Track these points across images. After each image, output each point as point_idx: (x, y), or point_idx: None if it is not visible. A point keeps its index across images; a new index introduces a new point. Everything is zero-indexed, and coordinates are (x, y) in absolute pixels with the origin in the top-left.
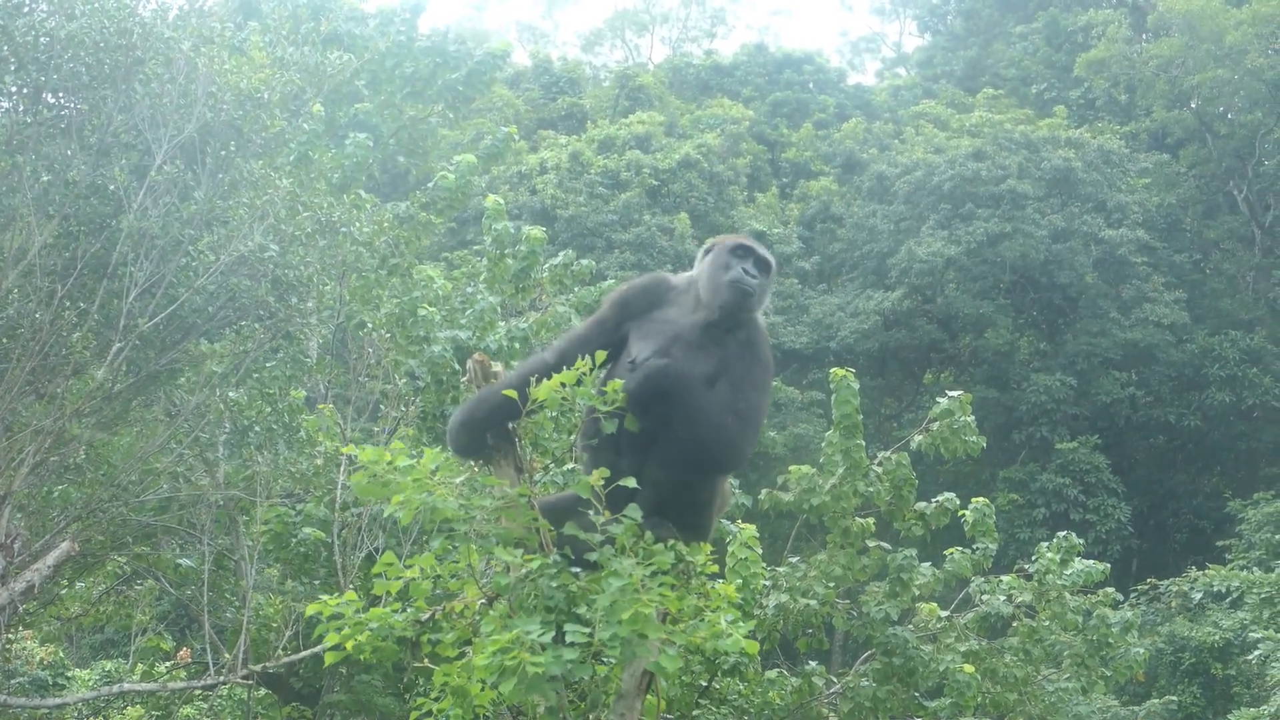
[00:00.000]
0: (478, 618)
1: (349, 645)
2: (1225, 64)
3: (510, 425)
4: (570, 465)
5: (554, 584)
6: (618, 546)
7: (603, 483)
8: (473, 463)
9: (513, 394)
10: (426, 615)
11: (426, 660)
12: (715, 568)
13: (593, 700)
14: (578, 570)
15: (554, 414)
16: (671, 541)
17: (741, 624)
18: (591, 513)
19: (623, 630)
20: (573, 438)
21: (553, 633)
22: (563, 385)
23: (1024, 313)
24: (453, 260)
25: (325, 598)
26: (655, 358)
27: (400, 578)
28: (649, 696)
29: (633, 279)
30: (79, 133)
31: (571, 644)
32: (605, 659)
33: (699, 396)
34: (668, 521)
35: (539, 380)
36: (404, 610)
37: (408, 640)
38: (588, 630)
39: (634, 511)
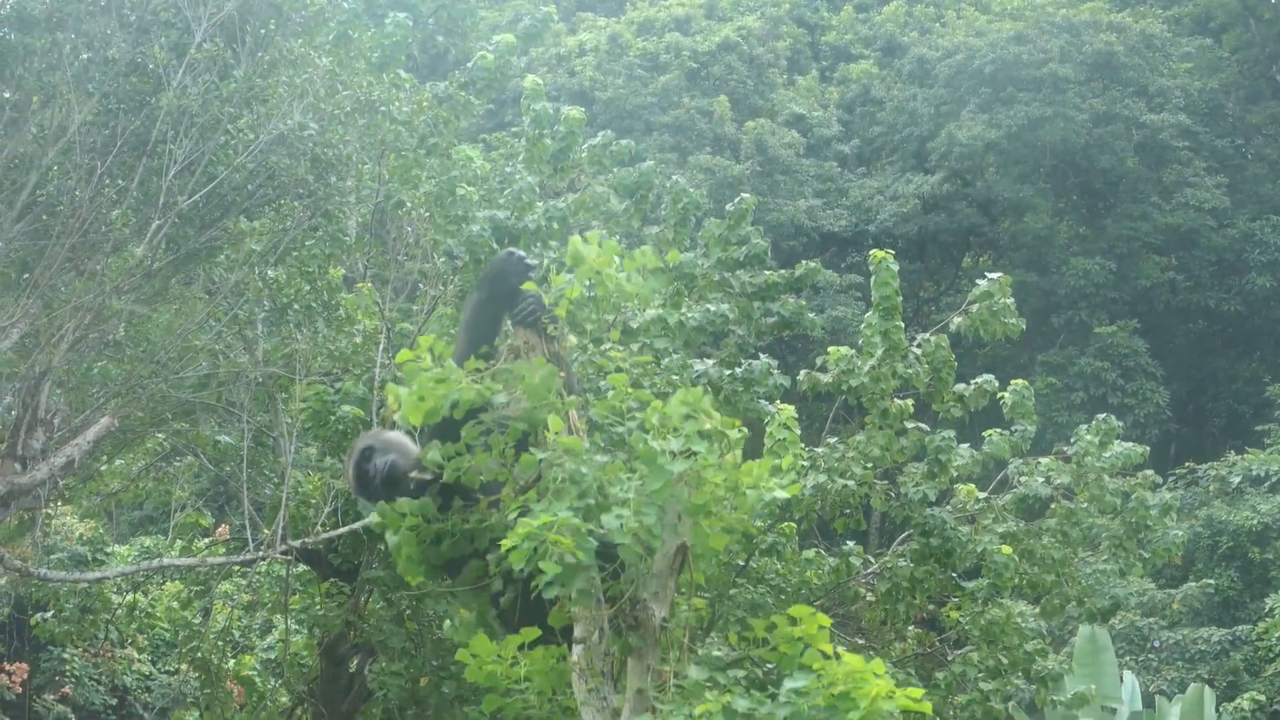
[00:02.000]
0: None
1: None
2: None
3: (540, 317)
4: (608, 345)
5: (584, 467)
6: (647, 425)
7: None
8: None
9: (532, 286)
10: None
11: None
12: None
13: (627, 579)
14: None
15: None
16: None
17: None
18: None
19: (655, 514)
20: (613, 318)
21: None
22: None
23: (1064, 197)
24: (491, 141)
25: None
26: None
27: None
28: (683, 575)
29: None
30: (118, 10)
31: (605, 529)
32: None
33: None
34: None
35: None
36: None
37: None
38: (622, 514)
39: None
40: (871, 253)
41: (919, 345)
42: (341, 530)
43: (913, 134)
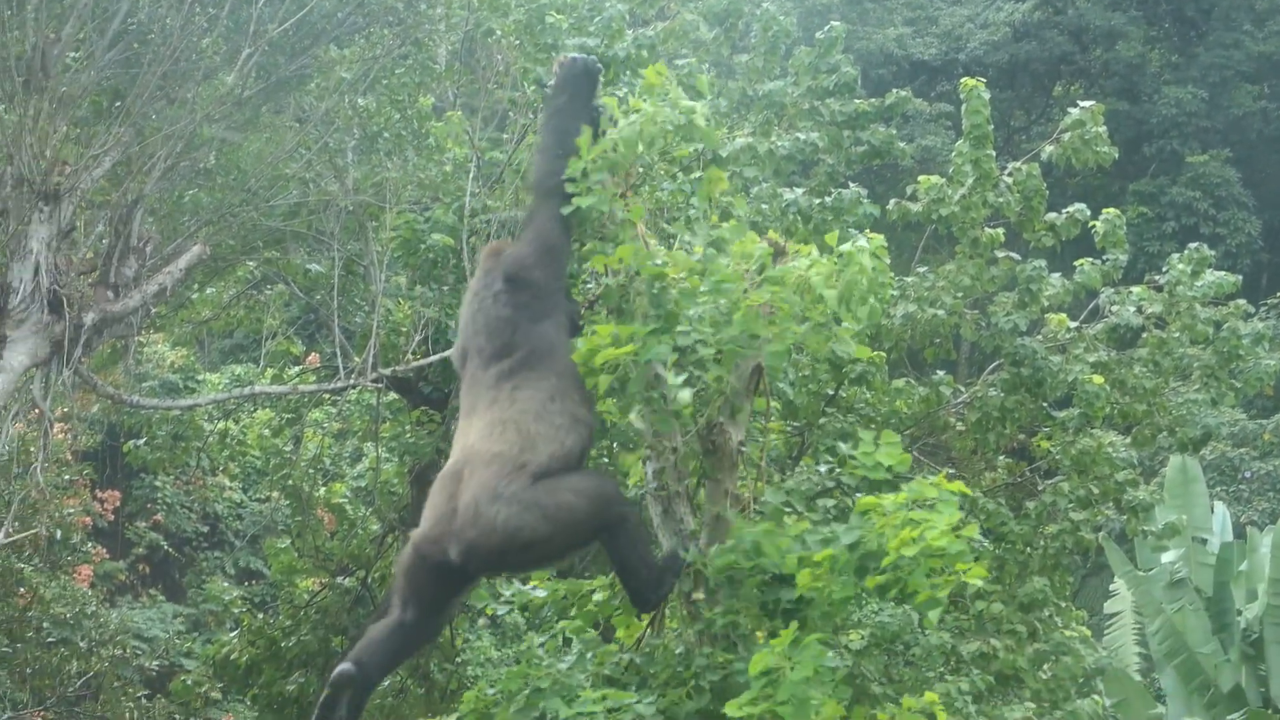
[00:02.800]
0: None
1: None
2: None
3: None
4: (697, 174)
5: (655, 288)
6: (716, 246)
7: None
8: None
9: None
10: None
11: None
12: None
13: (703, 399)
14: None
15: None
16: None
17: (852, 325)
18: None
19: (732, 331)
20: (701, 147)
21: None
22: None
23: (1156, 24)
24: None
25: None
26: None
27: None
28: (758, 397)
29: None
30: None
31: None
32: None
33: None
34: None
35: None
36: None
37: None
38: (693, 333)
39: None
40: (962, 81)
41: (1010, 174)
42: (432, 358)
43: None
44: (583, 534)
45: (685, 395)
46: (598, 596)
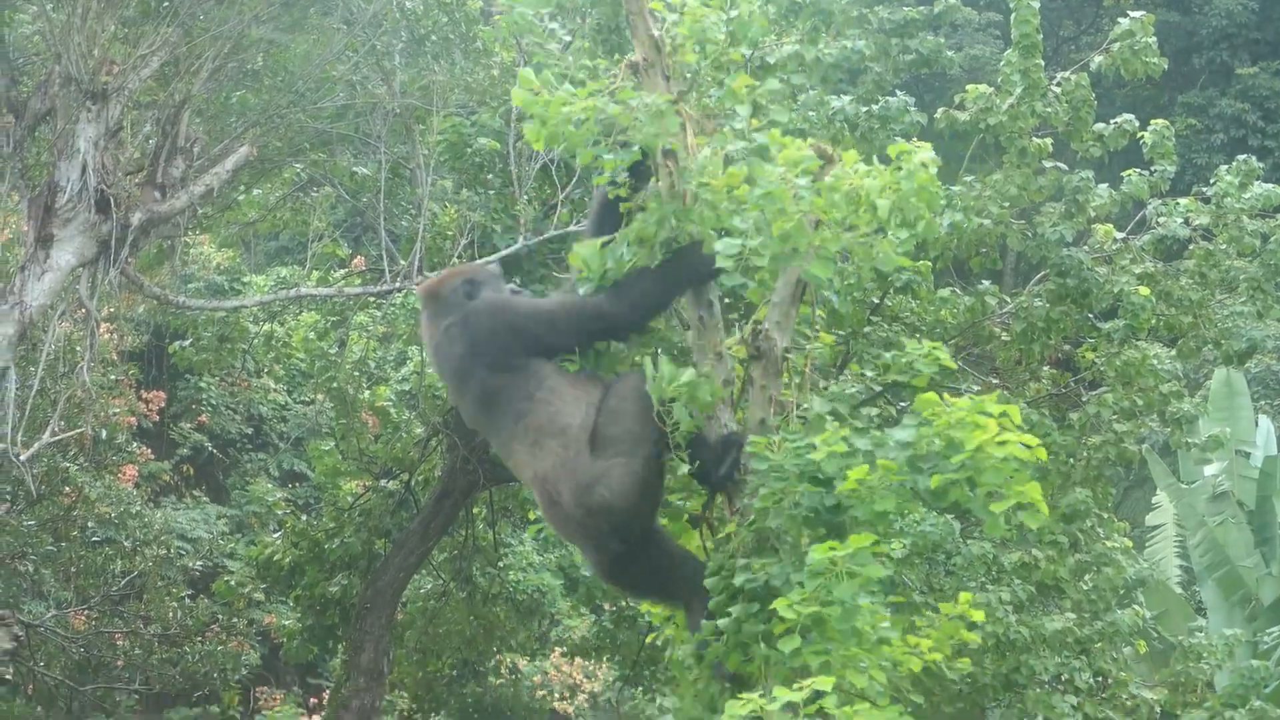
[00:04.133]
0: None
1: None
2: None
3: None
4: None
5: (705, 192)
6: (759, 152)
7: None
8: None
9: None
10: None
11: None
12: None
13: (748, 306)
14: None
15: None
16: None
17: (902, 234)
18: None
19: (775, 245)
20: (750, 52)
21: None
22: None
23: None
24: None
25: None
26: None
27: None
28: (804, 305)
29: None
30: None
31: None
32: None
33: None
34: None
35: None
36: None
37: None
38: (739, 241)
39: None
40: None
41: (1058, 84)
42: (478, 262)
43: None
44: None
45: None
46: None
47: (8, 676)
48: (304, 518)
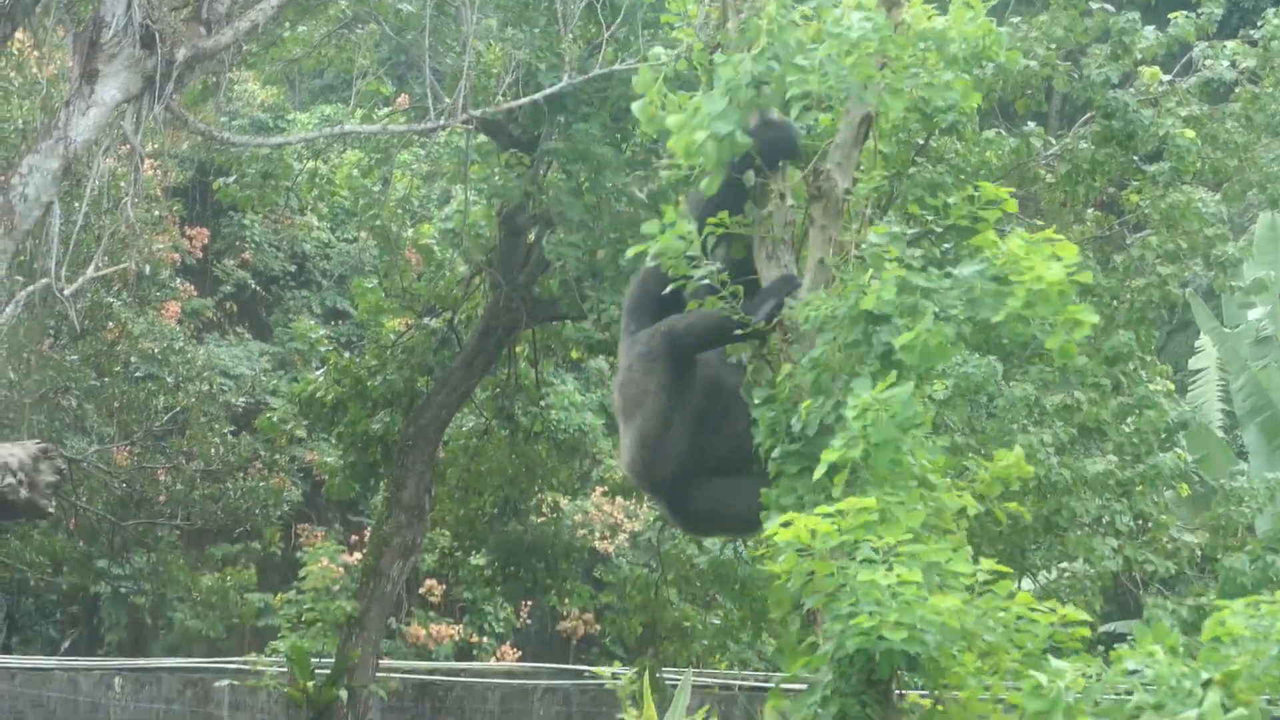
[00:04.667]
0: None
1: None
2: None
3: None
4: None
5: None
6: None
7: None
8: None
9: None
10: None
11: None
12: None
13: (810, 151)
14: None
15: None
16: None
17: (965, 76)
18: None
19: (844, 78)
20: None
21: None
22: None
23: None
24: None
25: None
26: None
27: None
28: (866, 144)
29: None
30: None
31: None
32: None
33: None
34: None
35: None
36: None
37: None
38: (809, 79)
39: None
40: None
41: None
42: (522, 100)
43: None
44: None
45: None
46: None
47: (50, 510)
48: (347, 355)
